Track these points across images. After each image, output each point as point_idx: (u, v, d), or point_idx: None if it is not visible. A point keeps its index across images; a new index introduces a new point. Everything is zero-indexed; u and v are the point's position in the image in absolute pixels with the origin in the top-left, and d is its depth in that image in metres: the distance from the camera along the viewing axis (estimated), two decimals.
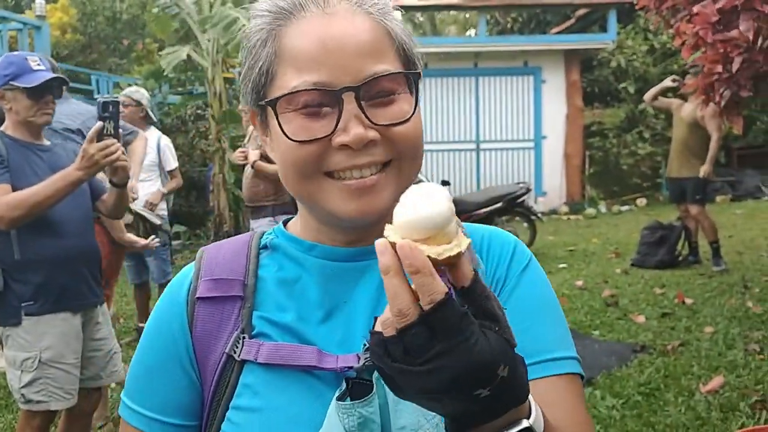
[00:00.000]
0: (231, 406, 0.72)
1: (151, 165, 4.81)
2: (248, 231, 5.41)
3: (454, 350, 0.50)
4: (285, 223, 0.85)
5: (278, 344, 0.71)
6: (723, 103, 3.17)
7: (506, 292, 0.76)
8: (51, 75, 2.39)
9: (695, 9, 3.03)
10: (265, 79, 0.71)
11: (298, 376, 0.71)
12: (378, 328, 0.53)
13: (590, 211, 11.18)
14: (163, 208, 4.92)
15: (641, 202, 11.60)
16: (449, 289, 0.52)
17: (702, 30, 2.94)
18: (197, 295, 0.75)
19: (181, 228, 9.79)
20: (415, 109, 0.71)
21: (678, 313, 4.79)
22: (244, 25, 7.87)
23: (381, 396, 0.68)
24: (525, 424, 0.56)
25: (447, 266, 0.53)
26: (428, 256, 0.50)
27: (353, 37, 0.68)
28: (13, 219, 2.22)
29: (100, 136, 2.21)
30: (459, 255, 0.52)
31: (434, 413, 0.63)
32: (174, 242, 9.10)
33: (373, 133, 0.68)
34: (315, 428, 0.67)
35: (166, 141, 4.98)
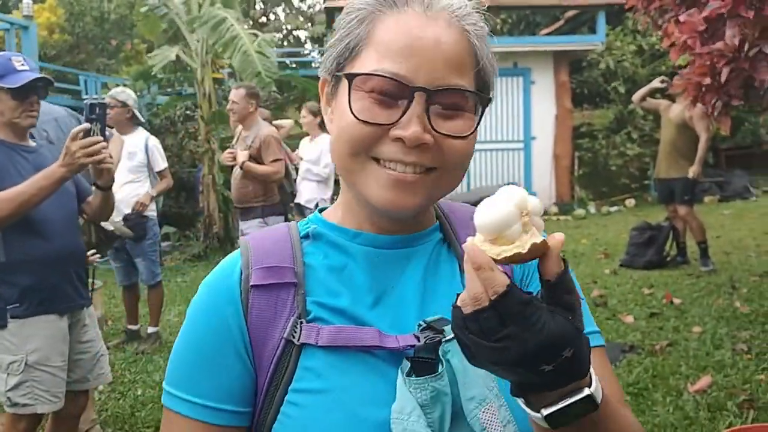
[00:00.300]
0: (291, 389, 0.73)
1: (139, 166, 4.77)
2: (237, 232, 5.39)
3: (520, 334, 0.57)
4: (320, 212, 0.87)
5: (339, 327, 0.74)
6: (716, 112, 3.19)
7: (536, 278, 0.80)
8: (35, 75, 2.37)
9: (682, 18, 3.04)
10: (349, 54, 0.75)
11: (360, 357, 0.73)
12: (459, 304, 0.60)
13: (579, 211, 11.23)
14: (152, 209, 4.88)
15: (630, 202, 11.66)
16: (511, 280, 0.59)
17: (690, 39, 2.96)
18: (252, 283, 0.76)
19: (171, 229, 9.74)
20: (474, 130, 0.74)
21: (666, 313, 4.82)
22: (232, 25, 7.82)
23: (449, 371, 0.72)
24: (586, 392, 0.62)
25: (515, 263, 0.61)
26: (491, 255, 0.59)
27: (443, 45, 0.71)
28: (2, 218, 2.20)
29: (86, 134, 2.19)
30: (518, 255, 0.59)
31: (495, 385, 0.71)
32: (163, 243, 9.06)
33: (428, 137, 0.71)
34: (382, 404, 0.71)
35: (154, 141, 4.94)
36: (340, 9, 10.10)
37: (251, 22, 17.12)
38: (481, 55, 0.75)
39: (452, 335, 0.68)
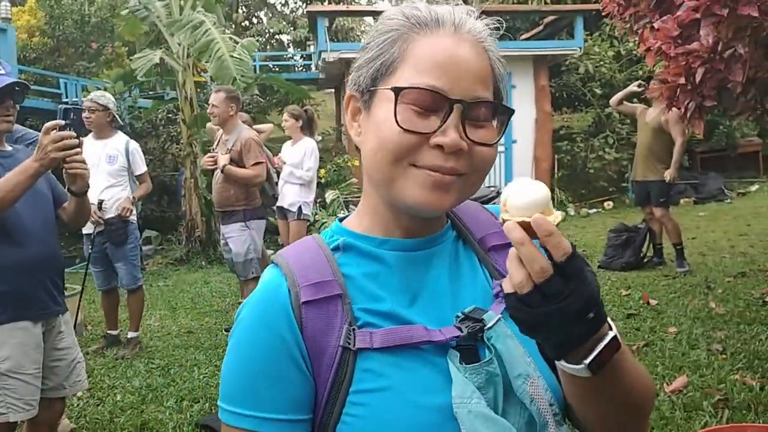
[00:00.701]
0: (353, 391, 0.78)
1: (120, 170, 4.73)
2: (219, 236, 5.35)
3: (580, 288, 0.66)
4: (340, 220, 0.94)
5: (389, 329, 0.81)
6: (689, 113, 3.25)
7: None
8: (11, 80, 2.35)
9: (656, 25, 3.10)
10: (385, 70, 0.81)
11: (410, 353, 0.80)
12: (508, 290, 0.69)
13: (559, 214, 11.32)
14: (133, 213, 4.85)
15: (608, 205, 11.79)
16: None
17: (665, 45, 3.02)
18: (302, 300, 0.81)
19: (153, 233, 9.68)
20: (498, 140, 0.82)
21: (643, 314, 4.89)
22: (209, 29, 7.80)
23: (495, 355, 0.81)
24: (611, 334, 0.71)
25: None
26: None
27: (473, 62, 0.80)
28: None
29: (62, 129, 2.18)
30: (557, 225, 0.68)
31: (531, 360, 0.81)
32: (145, 247, 9.01)
33: (464, 144, 0.78)
34: (439, 392, 0.78)
35: (134, 145, 4.91)
36: (322, 13, 10.14)
37: (234, 26, 17.04)
38: (498, 73, 0.84)
39: (492, 322, 0.81)
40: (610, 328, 0.72)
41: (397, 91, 0.78)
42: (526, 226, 0.67)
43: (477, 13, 0.85)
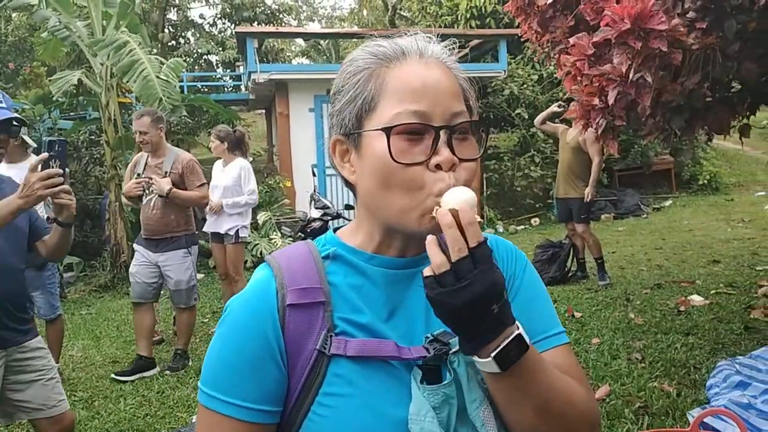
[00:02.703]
0: (322, 393, 0.85)
1: None
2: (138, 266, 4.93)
3: (486, 272, 0.74)
4: (334, 230, 0.99)
5: (364, 340, 0.86)
6: (600, 131, 3.43)
7: (517, 285, 0.98)
8: (7, 115, 2.39)
9: (572, 40, 3.25)
10: (368, 107, 0.87)
11: (379, 366, 0.86)
12: (428, 273, 0.77)
13: (489, 231, 11.62)
14: None
15: (535, 221, 12.17)
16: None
17: (579, 62, 3.17)
18: (288, 303, 0.87)
19: (75, 259, 9.27)
20: (481, 153, 0.89)
21: (568, 327, 5.03)
22: (133, 49, 7.54)
23: (455, 378, 0.86)
24: (516, 332, 0.78)
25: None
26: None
27: (444, 81, 0.86)
28: None
29: (44, 167, 2.17)
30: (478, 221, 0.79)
31: (485, 388, 0.85)
32: (66, 274, 8.61)
33: (456, 159, 0.84)
34: (400, 405, 0.84)
35: None
36: (251, 34, 10.05)
37: (160, 47, 16.68)
38: (465, 88, 0.92)
39: (456, 347, 0.85)
40: (518, 329, 0.79)
41: (387, 131, 0.83)
42: (454, 215, 0.77)
43: (435, 38, 0.92)
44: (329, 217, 6.58)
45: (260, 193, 9.76)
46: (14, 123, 2.45)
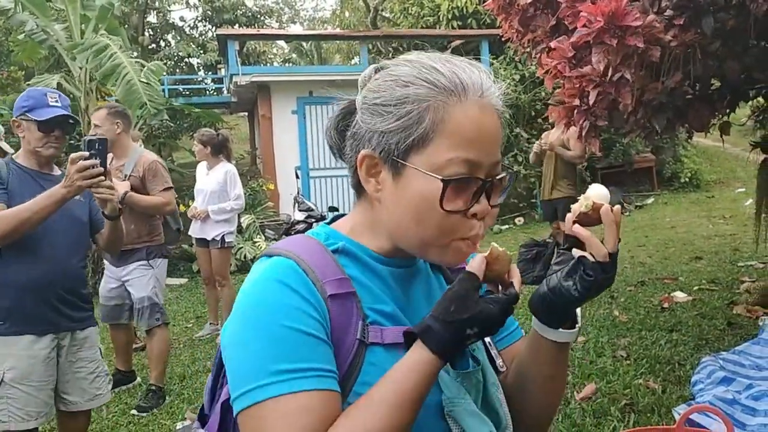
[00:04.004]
0: (359, 382, 0.84)
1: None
2: (102, 282, 4.31)
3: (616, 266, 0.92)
4: (330, 222, 1.00)
5: (400, 327, 0.88)
6: (584, 132, 3.44)
7: None
8: (62, 112, 2.60)
9: (552, 44, 3.27)
10: (421, 143, 0.85)
11: (404, 353, 0.85)
12: (593, 260, 0.90)
13: None
14: None
15: (519, 220, 12.22)
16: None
17: (560, 65, 3.18)
18: (329, 293, 0.85)
19: None
20: (503, 197, 0.94)
21: None
22: (114, 53, 7.42)
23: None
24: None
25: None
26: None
27: (496, 131, 0.88)
28: (2, 235, 2.34)
29: (86, 159, 2.35)
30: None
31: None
32: None
33: (490, 209, 0.89)
34: (433, 389, 0.84)
35: None
36: (232, 36, 10.01)
37: (140, 49, 16.54)
38: (503, 131, 0.92)
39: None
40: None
41: (446, 183, 0.83)
42: (597, 208, 0.92)
43: (492, 75, 0.91)
44: (313, 219, 6.56)
45: (244, 196, 9.72)
46: (70, 121, 2.66)
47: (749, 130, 5.12)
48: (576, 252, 0.94)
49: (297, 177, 9.55)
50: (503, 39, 4.40)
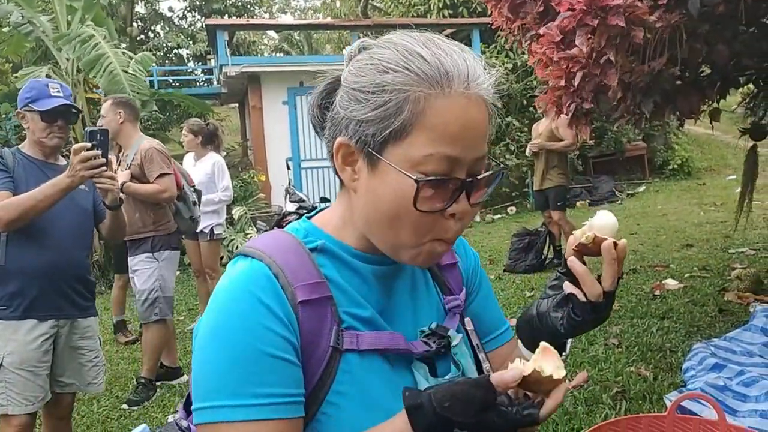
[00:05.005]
0: (332, 391, 0.80)
1: None
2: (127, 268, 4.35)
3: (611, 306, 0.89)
4: (308, 218, 0.95)
5: (378, 333, 0.84)
6: (570, 115, 3.44)
7: (478, 281, 1.04)
8: (64, 102, 2.64)
9: (541, 31, 3.25)
10: (398, 135, 0.78)
11: (381, 361, 0.84)
12: (583, 299, 0.86)
13: None
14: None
15: (511, 210, 12.24)
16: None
17: (548, 50, 3.17)
18: (300, 300, 0.80)
19: None
20: (486, 196, 0.86)
21: None
22: (98, 43, 7.33)
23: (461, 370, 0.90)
24: None
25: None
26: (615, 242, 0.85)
27: (481, 124, 0.80)
28: (8, 221, 2.41)
29: (89, 150, 2.39)
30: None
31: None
32: None
33: (470, 209, 0.82)
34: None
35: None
36: (221, 26, 9.92)
37: (129, 41, 16.39)
38: (492, 122, 0.84)
39: (456, 341, 0.89)
40: None
41: (419, 182, 0.77)
42: (599, 242, 0.85)
43: (482, 62, 0.83)
44: (305, 211, 6.49)
45: (235, 187, 9.67)
46: (72, 110, 2.70)
47: (740, 117, 5.12)
48: (567, 287, 0.88)
49: (288, 168, 9.51)
50: (494, 27, 4.38)
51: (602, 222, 0.87)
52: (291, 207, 7.25)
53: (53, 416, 2.79)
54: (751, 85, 4.43)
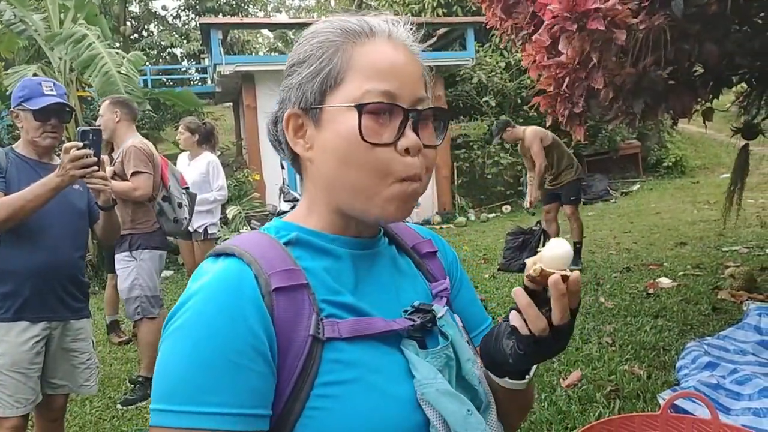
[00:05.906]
0: (318, 384, 0.76)
1: None
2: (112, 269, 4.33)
3: (569, 335, 0.86)
4: (279, 215, 0.95)
5: (356, 319, 0.82)
6: (564, 120, 3.44)
7: (458, 279, 1.04)
8: (57, 101, 2.61)
9: (533, 37, 3.26)
10: (333, 82, 0.82)
11: (369, 345, 0.81)
12: (527, 333, 0.82)
13: (460, 219, 11.64)
14: None
15: (506, 208, 12.25)
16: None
17: (539, 55, 3.18)
18: (273, 287, 0.78)
19: None
20: (440, 141, 0.88)
21: None
22: (92, 43, 7.27)
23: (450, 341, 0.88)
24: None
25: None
26: (563, 275, 0.79)
27: (411, 65, 0.84)
28: None
29: (80, 149, 2.36)
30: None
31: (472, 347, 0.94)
32: None
33: (421, 145, 0.82)
34: (401, 381, 0.81)
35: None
36: (215, 25, 9.87)
37: (122, 40, 16.32)
38: (427, 78, 0.89)
39: (441, 313, 0.88)
40: None
41: (360, 108, 0.79)
42: (546, 276, 0.79)
43: (402, 22, 0.88)
44: None
45: (229, 187, 9.64)
46: (66, 109, 2.67)
47: (733, 116, 5.13)
48: (512, 317, 0.84)
49: (282, 167, 9.50)
50: (487, 26, 4.38)
51: (552, 253, 0.81)
52: (285, 206, 7.23)
53: (45, 418, 2.76)
54: (744, 84, 4.44)
